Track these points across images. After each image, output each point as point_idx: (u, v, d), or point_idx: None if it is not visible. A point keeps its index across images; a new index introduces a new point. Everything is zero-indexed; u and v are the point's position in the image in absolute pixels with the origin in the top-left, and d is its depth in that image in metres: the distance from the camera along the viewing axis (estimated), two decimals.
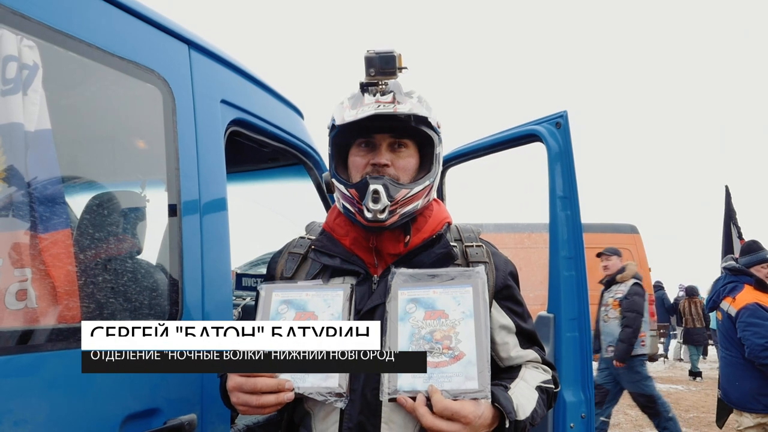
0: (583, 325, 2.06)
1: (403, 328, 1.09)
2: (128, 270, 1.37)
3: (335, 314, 1.13)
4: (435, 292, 1.12)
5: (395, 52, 1.19)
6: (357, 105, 1.17)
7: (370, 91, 1.19)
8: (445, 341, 1.05)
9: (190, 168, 1.49)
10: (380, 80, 1.19)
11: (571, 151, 2.09)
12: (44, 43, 1.16)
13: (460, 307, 1.09)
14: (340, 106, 1.22)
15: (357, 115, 1.14)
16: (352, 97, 1.22)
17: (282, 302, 1.15)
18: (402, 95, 1.19)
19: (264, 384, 1.03)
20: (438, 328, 1.07)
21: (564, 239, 2.08)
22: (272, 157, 2.43)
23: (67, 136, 1.27)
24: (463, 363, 1.03)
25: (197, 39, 1.60)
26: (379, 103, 1.16)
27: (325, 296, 1.15)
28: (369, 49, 1.18)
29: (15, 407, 1.02)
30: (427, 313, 1.10)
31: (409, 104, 1.17)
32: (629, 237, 9.72)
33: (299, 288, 1.18)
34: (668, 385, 9.88)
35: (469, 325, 1.07)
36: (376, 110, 1.13)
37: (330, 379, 1.06)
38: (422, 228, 1.25)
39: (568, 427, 1.97)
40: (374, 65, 1.18)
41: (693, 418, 7.07)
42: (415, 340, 1.07)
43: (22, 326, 1.08)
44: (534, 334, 1.29)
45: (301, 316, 1.13)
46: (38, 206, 1.13)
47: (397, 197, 1.16)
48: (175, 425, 1.33)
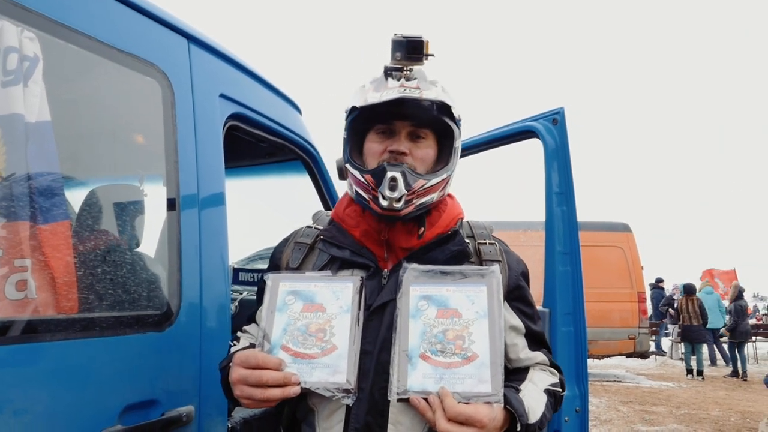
0: (578, 320, 2.08)
1: (415, 326, 1.05)
2: (127, 262, 1.38)
3: (344, 307, 1.10)
4: (448, 290, 1.09)
5: (423, 37, 1.15)
6: (381, 88, 1.14)
7: (394, 76, 1.15)
8: (457, 341, 1.02)
9: (188, 162, 1.49)
10: (405, 65, 1.16)
11: (567, 148, 2.11)
12: (45, 36, 1.16)
13: (474, 307, 1.06)
14: (362, 89, 1.18)
15: (382, 98, 1.10)
16: (374, 81, 1.18)
17: (289, 293, 1.12)
18: (427, 83, 1.16)
19: (270, 377, 1.00)
20: (451, 327, 1.04)
21: (560, 235, 2.10)
22: (270, 153, 2.44)
23: (66, 128, 1.27)
24: (476, 365, 0.99)
25: (196, 33, 1.60)
26: (405, 87, 1.12)
27: (334, 288, 1.12)
28: (396, 33, 1.15)
29: (14, 397, 1.03)
30: (440, 311, 1.06)
31: (434, 92, 1.14)
32: (622, 235, 9.79)
33: (307, 279, 1.15)
34: (659, 382, 9.97)
35: (483, 325, 1.03)
36: (402, 94, 1.10)
37: (338, 374, 1.02)
38: (436, 223, 1.21)
39: (563, 420, 2.00)
40: (400, 50, 1.14)
41: (684, 414, 7.14)
42: (427, 339, 1.03)
43: (21, 316, 1.08)
44: (542, 336, 1.26)
45: (309, 307, 1.10)
46: (38, 197, 1.13)
47: (414, 187, 1.12)
48: (173, 417, 1.34)
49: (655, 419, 6.87)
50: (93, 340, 1.19)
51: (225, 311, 1.58)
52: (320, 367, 1.03)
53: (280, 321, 1.09)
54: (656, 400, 8.11)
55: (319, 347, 1.05)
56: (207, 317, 1.50)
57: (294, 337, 1.06)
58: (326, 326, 1.07)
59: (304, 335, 1.06)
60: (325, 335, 1.06)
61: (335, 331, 1.07)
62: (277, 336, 1.07)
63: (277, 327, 1.08)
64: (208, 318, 1.51)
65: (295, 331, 1.07)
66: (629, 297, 9.50)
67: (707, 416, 7.03)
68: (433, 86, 1.16)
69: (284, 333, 1.07)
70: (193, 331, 1.45)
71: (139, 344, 1.29)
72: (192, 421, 1.39)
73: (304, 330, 1.07)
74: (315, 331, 1.07)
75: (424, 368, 1.01)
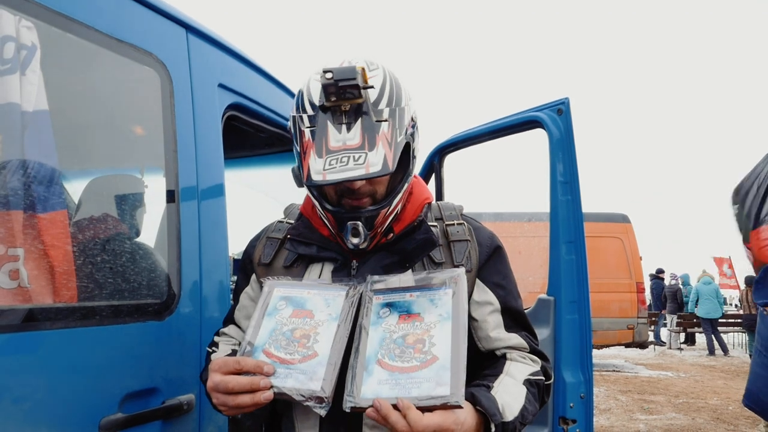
0: (582, 308, 2.10)
1: (374, 334, 1.02)
2: (127, 251, 1.38)
3: (333, 315, 1.07)
4: (411, 295, 1.06)
5: (357, 66, 0.99)
6: (321, 149, 1.01)
7: (333, 119, 1.03)
8: (417, 345, 0.98)
9: (188, 152, 1.49)
10: (343, 105, 1.02)
11: (572, 138, 2.11)
12: (43, 25, 1.16)
13: (438, 310, 1.02)
14: (300, 120, 1.07)
15: (327, 177, 0.98)
16: (311, 118, 1.05)
17: (282, 298, 1.11)
18: (371, 127, 1.02)
19: (236, 384, 0.95)
20: (411, 332, 1.00)
21: (565, 224, 2.12)
22: (269, 143, 2.44)
23: (64, 118, 1.27)
24: (435, 368, 0.94)
25: (195, 23, 1.59)
26: (347, 149, 1.00)
27: (326, 296, 1.11)
28: (323, 69, 0.98)
29: (15, 385, 1.03)
30: (402, 316, 1.03)
31: (380, 146, 1.00)
32: (621, 226, 9.80)
33: (302, 286, 1.14)
34: (658, 371, 10.02)
35: (445, 327, 0.99)
36: (345, 173, 0.97)
37: (314, 381, 0.97)
38: (401, 216, 1.18)
39: (568, 407, 2.03)
40: (334, 91, 1.00)
41: (683, 403, 7.18)
42: (386, 345, 1.00)
43: (20, 305, 1.09)
44: (522, 316, 1.19)
45: (298, 313, 1.08)
46: (35, 186, 1.13)
47: (377, 222, 1.10)
48: (174, 405, 1.35)
49: (653, 408, 6.92)
50: (94, 329, 1.20)
51: (225, 300, 1.59)
52: (297, 373, 0.99)
53: (268, 325, 1.07)
54: (655, 390, 8.16)
55: (300, 353, 1.02)
56: (207, 306, 1.51)
57: (278, 341, 1.04)
58: (311, 332, 1.05)
59: (288, 340, 1.04)
60: (308, 341, 1.03)
61: (320, 338, 1.04)
62: (262, 340, 1.05)
63: (264, 331, 1.06)
64: (208, 307, 1.52)
65: (280, 335, 1.05)
66: (628, 287, 9.53)
67: (705, 405, 7.08)
68: (379, 121, 1.03)
69: (269, 337, 1.05)
70: (193, 320, 1.46)
71: (140, 333, 1.30)
72: (193, 409, 1.41)
73: (289, 335, 1.05)
74: (299, 337, 1.04)
75: (380, 374, 0.96)
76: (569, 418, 2.04)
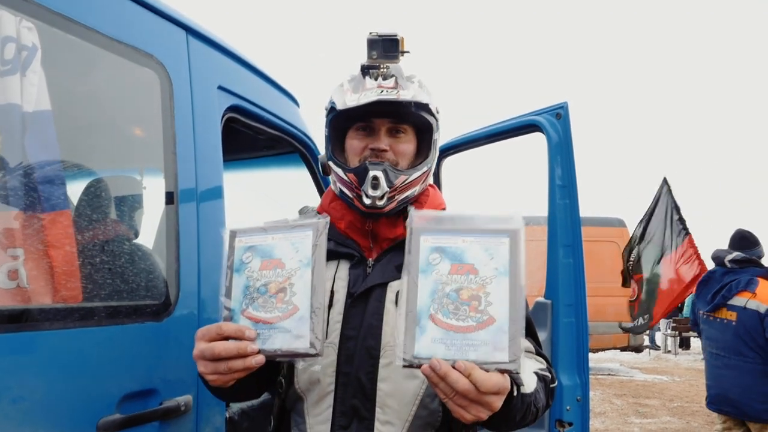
0: (579, 311, 2.11)
1: (425, 283, 0.92)
2: (125, 252, 1.38)
3: (304, 260, 0.98)
4: (464, 240, 0.94)
5: (398, 35, 1.18)
6: (358, 89, 1.16)
7: (371, 75, 1.17)
8: (473, 302, 0.89)
9: (187, 154, 1.50)
10: (382, 63, 1.18)
11: (571, 142, 2.13)
12: (44, 26, 1.16)
13: (493, 262, 0.92)
14: (340, 89, 1.20)
15: (360, 100, 1.12)
16: (352, 80, 1.20)
17: (246, 249, 1.02)
18: (404, 80, 1.18)
19: (223, 348, 0.93)
20: (465, 286, 0.91)
21: (562, 227, 2.13)
22: (268, 145, 2.44)
23: (64, 119, 1.27)
24: (493, 330, 0.87)
25: (195, 25, 1.60)
26: (382, 87, 1.14)
27: (293, 239, 1.00)
28: (372, 32, 1.18)
29: (13, 385, 1.03)
30: (454, 266, 0.92)
31: (411, 90, 1.16)
32: (617, 230, 9.85)
33: (265, 231, 1.03)
34: (653, 375, 10.05)
35: (502, 284, 0.90)
36: (378, 96, 1.12)
37: (300, 339, 0.93)
38: None
39: (565, 409, 2.04)
40: (376, 48, 1.18)
41: (677, 407, 7.21)
42: (438, 298, 0.91)
43: (19, 305, 1.09)
44: (529, 322, 1.20)
45: (267, 264, 0.99)
46: (36, 187, 1.13)
47: (396, 183, 1.15)
48: (171, 406, 1.35)
49: (648, 412, 6.94)
50: (92, 330, 1.19)
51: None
52: (282, 331, 0.94)
53: (239, 283, 1.00)
54: (650, 393, 8.19)
55: (280, 309, 0.95)
56: (205, 308, 1.51)
57: (254, 300, 0.98)
58: (286, 284, 0.97)
59: (264, 297, 0.97)
60: (285, 295, 0.96)
61: (296, 289, 0.96)
62: (237, 301, 0.99)
63: (236, 290, 1.00)
64: (206, 309, 1.51)
65: (255, 293, 0.98)
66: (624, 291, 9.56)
67: (700, 409, 7.10)
68: (410, 83, 1.18)
69: (244, 297, 0.99)
70: (191, 321, 1.46)
71: (138, 334, 1.30)
72: (190, 410, 1.41)
73: (264, 291, 0.98)
74: (275, 292, 0.97)
75: (433, 331, 0.89)
76: (566, 420, 2.04)
